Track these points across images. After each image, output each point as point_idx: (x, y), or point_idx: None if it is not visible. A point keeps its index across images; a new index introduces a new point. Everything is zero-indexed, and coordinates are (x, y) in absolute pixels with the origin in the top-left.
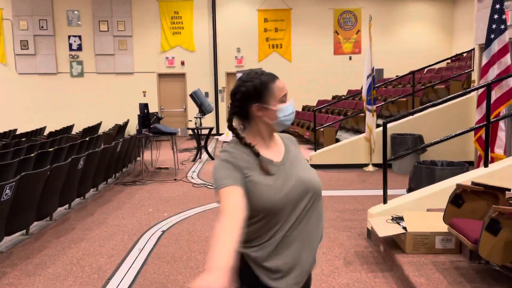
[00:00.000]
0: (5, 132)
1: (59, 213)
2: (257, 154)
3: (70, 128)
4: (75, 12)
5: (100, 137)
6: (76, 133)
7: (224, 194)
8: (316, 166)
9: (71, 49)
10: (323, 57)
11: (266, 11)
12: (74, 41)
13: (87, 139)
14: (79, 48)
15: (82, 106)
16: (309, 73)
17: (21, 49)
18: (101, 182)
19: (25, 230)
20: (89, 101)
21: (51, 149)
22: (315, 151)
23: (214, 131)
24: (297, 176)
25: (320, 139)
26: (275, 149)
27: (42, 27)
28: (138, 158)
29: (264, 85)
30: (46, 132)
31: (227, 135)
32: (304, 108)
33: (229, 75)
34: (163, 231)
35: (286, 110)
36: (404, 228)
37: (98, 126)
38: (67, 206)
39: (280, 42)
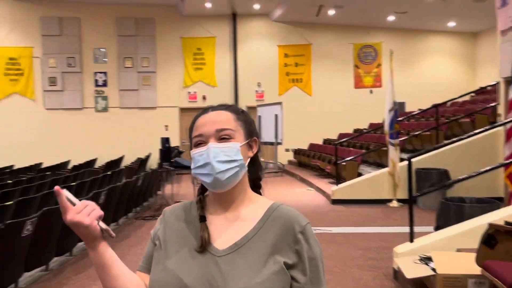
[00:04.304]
0: (31, 166)
1: (79, 248)
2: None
3: (93, 161)
4: (102, 50)
5: (122, 171)
6: (99, 166)
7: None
8: (338, 201)
9: (96, 85)
10: (343, 90)
11: (286, 47)
12: (100, 77)
13: (109, 173)
14: (105, 84)
15: (106, 140)
16: (329, 107)
17: (49, 85)
18: (122, 216)
19: (44, 266)
20: (112, 135)
21: (74, 183)
22: (337, 185)
23: None
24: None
25: (342, 173)
26: (224, 227)
27: (70, 64)
28: (159, 192)
29: (192, 124)
30: (70, 166)
31: None
32: (325, 141)
33: (250, 108)
34: None
35: (195, 160)
36: (433, 269)
37: (120, 160)
38: None
39: (301, 77)
